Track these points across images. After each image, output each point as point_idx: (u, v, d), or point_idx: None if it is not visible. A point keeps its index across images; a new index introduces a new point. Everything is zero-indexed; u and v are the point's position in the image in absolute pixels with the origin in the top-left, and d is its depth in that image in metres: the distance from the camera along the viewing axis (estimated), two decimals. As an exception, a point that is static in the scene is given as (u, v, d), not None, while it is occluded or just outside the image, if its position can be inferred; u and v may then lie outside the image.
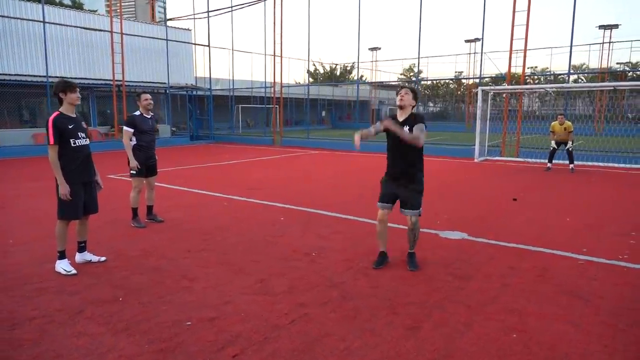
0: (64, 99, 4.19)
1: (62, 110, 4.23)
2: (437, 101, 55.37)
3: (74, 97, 4.20)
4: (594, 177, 10.72)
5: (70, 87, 4.19)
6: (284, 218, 6.46)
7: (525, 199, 7.91)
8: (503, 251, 4.92)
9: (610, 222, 6.28)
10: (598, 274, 4.25)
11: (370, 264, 4.48)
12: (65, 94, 4.17)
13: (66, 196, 4.13)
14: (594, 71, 32.97)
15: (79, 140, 4.26)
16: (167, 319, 3.29)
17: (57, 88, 4.18)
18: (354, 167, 12.84)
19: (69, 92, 4.17)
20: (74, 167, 4.21)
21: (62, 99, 4.19)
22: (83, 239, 4.57)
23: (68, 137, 4.15)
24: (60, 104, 4.23)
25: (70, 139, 4.17)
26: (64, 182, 4.14)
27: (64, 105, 4.21)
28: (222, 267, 4.44)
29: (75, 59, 18.52)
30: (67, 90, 4.17)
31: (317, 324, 3.23)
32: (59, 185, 4.15)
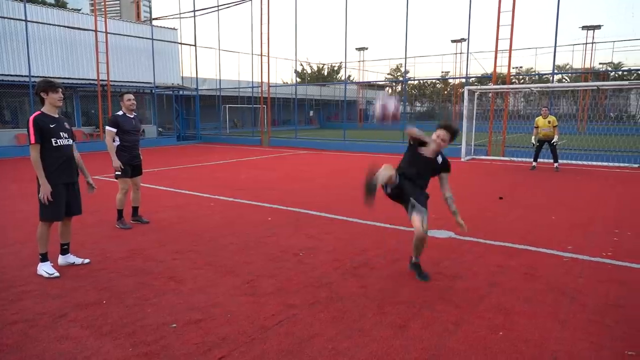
0: (46, 99, 4.10)
1: (44, 110, 4.14)
2: (424, 101, 55.72)
3: (55, 98, 4.12)
4: (578, 176, 10.87)
5: (52, 87, 4.10)
6: (271, 218, 6.42)
7: (511, 197, 7.99)
8: (491, 250, 4.95)
9: (594, 220, 6.36)
10: (583, 271, 4.30)
11: (360, 264, 4.47)
12: (47, 93, 4.08)
13: (47, 197, 4.04)
14: (577, 71, 33.46)
15: (61, 140, 4.16)
16: (152, 322, 3.23)
17: (39, 88, 4.10)
18: (342, 167, 12.84)
19: (50, 92, 4.08)
20: (55, 168, 4.11)
21: (43, 99, 4.11)
22: (66, 241, 4.48)
23: (49, 136, 4.06)
24: (42, 103, 4.15)
25: (52, 138, 4.08)
26: (45, 182, 4.05)
27: (46, 105, 4.13)
28: (209, 269, 4.39)
29: (58, 59, 18.22)
30: (49, 90, 4.08)
31: (305, 324, 3.20)
32: (40, 186, 4.06)
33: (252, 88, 23.84)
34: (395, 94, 40.38)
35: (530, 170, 11.88)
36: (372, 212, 6.73)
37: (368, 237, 5.45)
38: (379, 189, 4.04)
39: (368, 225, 6.03)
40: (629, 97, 36.65)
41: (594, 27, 30.45)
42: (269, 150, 18.58)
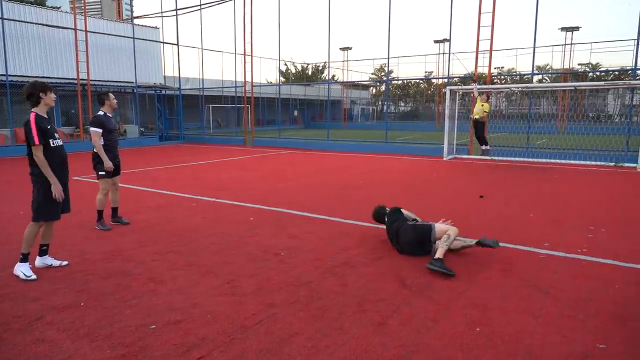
0: (43, 99, 4.15)
1: (37, 111, 4.16)
2: (407, 101, 56.14)
3: (52, 98, 4.22)
4: (556, 174, 11.08)
5: (49, 87, 4.21)
6: (253, 218, 6.41)
7: (491, 195, 8.11)
8: (470, 247, 5.02)
9: (570, 217, 6.50)
10: (558, 267, 4.39)
11: (340, 263, 4.50)
12: (46, 94, 4.16)
13: (60, 194, 4.14)
14: (556, 72, 34.09)
15: (56, 141, 4.24)
16: (131, 324, 3.21)
17: (37, 88, 4.13)
18: (325, 167, 12.87)
19: (48, 92, 4.17)
20: (54, 167, 4.16)
21: (40, 99, 4.14)
22: (46, 242, 4.44)
23: (47, 137, 4.13)
24: (34, 104, 4.15)
25: (49, 139, 4.15)
26: (56, 181, 4.12)
27: (40, 106, 4.16)
28: (190, 269, 4.37)
29: (37, 57, 17.88)
30: (47, 90, 4.17)
31: (285, 323, 3.22)
32: (52, 185, 4.10)
33: (235, 88, 23.71)
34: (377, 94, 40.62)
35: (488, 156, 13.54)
36: (353, 211, 6.80)
37: (349, 236, 5.48)
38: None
39: (349, 225, 6.07)
40: (606, 97, 37.47)
41: (572, 29, 31.03)
42: (252, 150, 18.52)
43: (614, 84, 14.41)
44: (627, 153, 13.24)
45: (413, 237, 4.61)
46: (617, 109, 37.17)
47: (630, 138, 13.95)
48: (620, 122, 30.67)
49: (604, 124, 25.64)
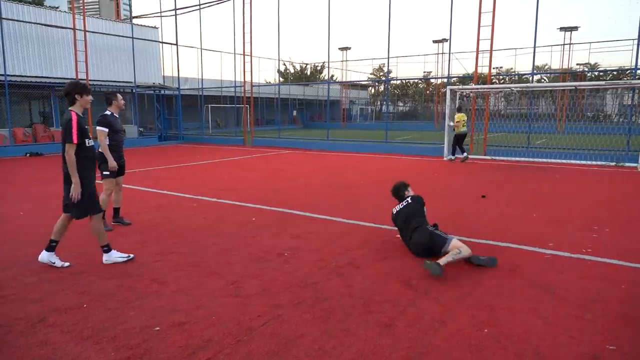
0: (78, 100, 4.29)
1: (76, 110, 4.29)
2: (406, 101, 56.15)
3: (88, 99, 4.38)
4: (557, 174, 11.07)
5: (87, 90, 4.36)
6: (255, 218, 6.37)
7: (493, 195, 8.09)
8: (475, 248, 4.96)
9: (573, 217, 6.48)
10: (564, 267, 4.37)
11: (345, 263, 4.47)
12: (82, 95, 4.30)
13: (78, 195, 4.20)
14: (555, 72, 34.12)
15: (90, 141, 4.39)
16: (135, 325, 3.17)
17: (75, 89, 4.28)
18: (325, 166, 12.84)
19: (84, 94, 4.32)
20: (88, 166, 4.35)
21: (75, 100, 4.28)
22: (58, 238, 4.48)
23: (84, 137, 4.27)
24: (71, 103, 4.30)
25: (86, 139, 4.30)
26: (79, 182, 4.21)
27: (76, 106, 4.31)
28: (193, 270, 4.33)
29: (35, 57, 17.80)
30: (84, 93, 4.32)
31: (290, 325, 3.18)
32: (74, 184, 4.19)
33: (234, 87, 23.67)
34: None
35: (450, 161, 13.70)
36: (355, 211, 6.76)
37: (352, 237, 5.45)
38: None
39: (352, 225, 6.04)
40: (605, 97, 37.53)
41: (571, 29, 31.07)
42: (252, 150, 18.48)
43: (614, 84, 14.40)
44: (627, 153, 13.24)
45: (427, 242, 4.57)
46: (616, 108, 37.24)
47: (630, 138, 13.94)
48: (619, 122, 30.70)
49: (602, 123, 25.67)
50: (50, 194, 8.39)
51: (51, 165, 13.12)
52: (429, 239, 4.57)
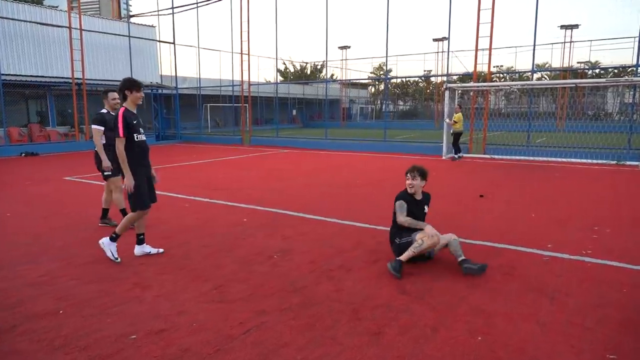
0: (129, 96, 4.37)
1: (127, 106, 4.37)
2: (406, 99, 55.95)
3: (139, 96, 4.41)
4: (557, 173, 10.90)
5: (137, 86, 4.39)
6: (247, 219, 6.21)
7: (491, 195, 7.93)
8: (471, 250, 4.83)
9: (573, 216, 6.32)
10: (563, 270, 4.21)
11: (336, 266, 4.31)
12: (131, 92, 4.36)
13: (131, 188, 4.29)
14: (556, 69, 33.91)
15: (141, 136, 4.44)
16: (111, 333, 3.02)
17: (125, 85, 4.38)
18: (323, 166, 12.67)
19: (134, 90, 4.36)
20: (138, 161, 4.38)
21: (126, 96, 4.37)
22: (141, 231, 4.68)
23: (133, 131, 4.33)
24: (123, 100, 4.41)
25: (134, 133, 4.35)
26: (130, 175, 4.29)
27: (128, 102, 4.38)
28: (179, 273, 4.18)
29: (31, 56, 17.64)
30: (133, 89, 4.36)
31: (274, 333, 3.03)
32: (125, 177, 4.30)
33: (232, 87, 23.50)
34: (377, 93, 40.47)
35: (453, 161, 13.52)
36: (350, 211, 6.60)
37: (346, 238, 5.29)
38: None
39: (346, 225, 5.87)
40: (605, 95, 37.32)
41: (572, 27, 30.87)
42: (249, 149, 18.33)
43: (615, 81, 14.20)
44: (628, 151, 13.07)
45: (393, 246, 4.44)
46: (617, 107, 37.04)
47: (631, 136, 13.75)
48: (620, 120, 30.49)
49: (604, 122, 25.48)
50: (43, 195, 8.25)
51: (46, 165, 12.99)
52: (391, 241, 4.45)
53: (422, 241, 4.09)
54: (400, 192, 4.52)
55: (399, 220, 4.30)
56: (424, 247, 4.09)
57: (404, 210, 4.34)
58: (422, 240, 4.10)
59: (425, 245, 4.08)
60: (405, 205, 4.37)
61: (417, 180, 4.44)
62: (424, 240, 4.09)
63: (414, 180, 4.44)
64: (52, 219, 6.33)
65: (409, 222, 4.26)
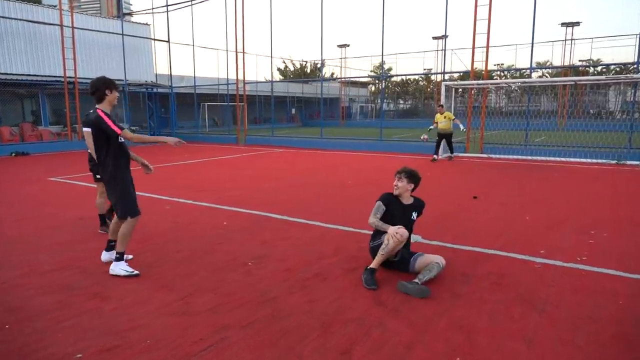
0: (108, 97, 4.05)
1: (103, 108, 4.04)
2: (407, 98, 55.60)
3: (116, 96, 4.14)
4: (555, 173, 10.61)
5: (115, 86, 4.12)
6: (227, 223, 5.95)
7: (486, 196, 7.65)
8: (459, 256, 4.57)
9: (570, 219, 6.04)
10: (555, 279, 3.93)
11: (312, 274, 4.04)
12: (111, 91, 4.06)
13: (180, 142, 4.17)
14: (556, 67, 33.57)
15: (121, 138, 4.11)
16: (56, 351, 2.76)
17: (104, 85, 4.03)
18: (316, 166, 12.40)
19: (114, 90, 4.09)
20: (123, 164, 4.12)
21: (104, 96, 4.04)
22: (114, 237, 4.30)
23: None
24: (99, 101, 4.05)
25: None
26: (167, 137, 4.21)
27: (105, 103, 4.06)
28: (145, 282, 3.92)
29: (22, 54, 17.39)
30: (113, 88, 4.08)
31: (236, 349, 2.76)
32: (166, 139, 4.18)
33: (227, 85, 23.25)
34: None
35: (432, 162, 12.84)
36: (337, 214, 6.29)
37: (327, 243, 5.02)
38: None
39: (330, 230, 5.61)
40: (607, 93, 36.94)
41: (573, 24, 30.53)
42: (244, 148, 18.06)
43: (615, 79, 13.90)
44: (629, 150, 12.77)
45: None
46: (619, 105, 36.66)
47: (632, 135, 13.45)
48: (622, 118, 30.15)
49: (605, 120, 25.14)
50: (23, 196, 8.00)
51: (35, 165, 12.75)
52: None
53: (387, 241, 3.81)
54: (384, 193, 4.24)
55: (369, 222, 4.05)
56: (390, 248, 3.78)
57: (378, 211, 4.07)
58: (387, 240, 3.82)
59: (390, 245, 3.78)
60: (383, 208, 4.08)
61: (402, 182, 4.16)
62: (389, 240, 3.80)
63: (400, 181, 4.17)
64: (26, 223, 6.08)
65: (376, 223, 3.99)
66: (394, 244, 3.77)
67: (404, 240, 3.85)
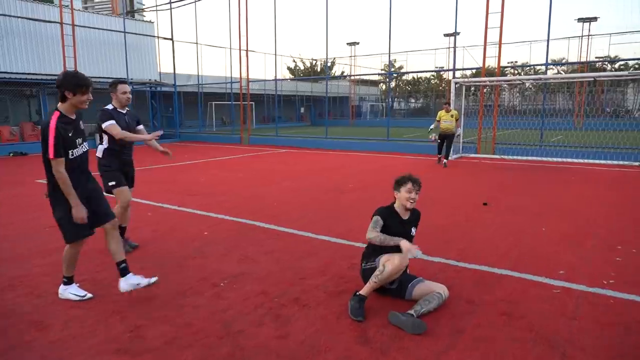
0: (69, 99, 3.16)
1: (63, 110, 3.19)
2: (418, 97, 54.72)
3: (84, 99, 3.20)
4: (573, 176, 9.89)
5: (81, 87, 3.16)
6: (208, 233, 5.40)
7: (497, 202, 6.99)
8: (463, 277, 3.95)
9: (592, 231, 5.37)
10: (579, 309, 3.30)
11: (290, 299, 3.47)
12: (74, 93, 3.15)
13: (83, 220, 3.25)
14: (572, 63, 32.51)
15: (76, 150, 3.28)
16: (-46, 407, 2.23)
17: (64, 83, 3.12)
18: (318, 167, 11.81)
19: (78, 93, 3.16)
20: (72, 182, 3.21)
21: (66, 98, 3.16)
22: (121, 258, 3.53)
23: (67, 147, 3.19)
24: (61, 99, 3.18)
25: (69, 150, 3.21)
26: (79, 203, 3.22)
27: (67, 104, 3.19)
28: (95, 307, 3.38)
29: (22, 53, 17.09)
30: (78, 90, 3.15)
31: (175, 409, 2.20)
32: (73, 208, 3.21)
33: (231, 84, 22.77)
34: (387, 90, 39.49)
35: (437, 163, 11.92)
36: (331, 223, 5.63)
37: (315, 258, 4.44)
38: None
39: (321, 242, 5.02)
40: (625, 91, 35.75)
41: (590, 20, 29.49)
42: (247, 149, 17.55)
43: (636, 74, 13.06)
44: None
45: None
46: (637, 104, 35.46)
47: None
48: (641, 117, 29.05)
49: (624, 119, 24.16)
50: (3, 199, 7.56)
51: (28, 166, 12.39)
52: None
53: (383, 267, 3.17)
54: (380, 208, 3.57)
55: (367, 237, 3.36)
56: (386, 275, 3.15)
57: (377, 226, 3.42)
58: (383, 265, 3.19)
59: (387, 271, 3.14)
60: (381, 223, 3.46)
61: (418, 195, 3.52)
62: (385, 266, 3.16)
63: (416, 194, 3.50)
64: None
65: (380, 237, 3.29)
66: (390, 270, 3.16)
67: (404, 268, 3.25)
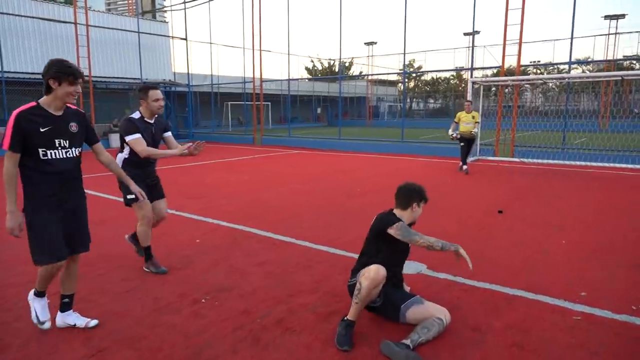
0: (55, 90, 2.72)
1: (42, 103, 2.76)
2: (437, 97, 53.87)
3: (70, 91, 2.74)
4: (597, 181, 9.30)
5: (71, 75, 2.72)
6: (200, 240, 5.11)
7: (513, 211, 6.52)
8: (471, 297, 3.55)
9: (617, 245, 4.89)
10: (602, 340, 2.87)
11: (274, 321, 3.12)
12: (60, 83, 2.70)
13: (12, 231, 2.72)
14: (598, 61, 31.39)
15: (54, 152, 2.78)
16: None
17: (50, 70, 2.69)
18: (328, 170, 11.45)
19: (65, 82, 2.70)
20: (45, 190, 2.79)
21: (50, 89, 2.72)
22: (69, 291, 3.14)
23: (37, 144, 2.71)
24: (46, 91, 2.76)
25: (40, 148, 2.73)
26: (15, 210, 2.71)
27: (50, 97, 2.75)
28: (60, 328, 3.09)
29: (34, 52, 17.20)
30: (63, 79, 2.70)
31: None
32: (7, 214, 2.70)
33: (244, 84, 22.60)
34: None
35: (459, 171, 10.63)
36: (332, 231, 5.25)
37: (310, 272, 4.09)
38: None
39: (317, 252, 4.67)
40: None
41: (617, 17, 28.40)
42: (258, 149, 17.30)
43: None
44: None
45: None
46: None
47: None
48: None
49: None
50: None
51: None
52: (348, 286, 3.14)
53: (359, 284, 2.83)
54: (386, 214, 3.28)
55: (420, 243, 2.97)
56: (365, 293, 2.79)
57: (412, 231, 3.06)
58: (359, 282, 2.84)
59: (364, 288, 2.78)
60: None
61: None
62: (361, 283, 2.81)
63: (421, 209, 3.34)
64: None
65: (430, 240, 2.98)
66: (368, 286, 2.79)
67: (382, 280, 2.87)
